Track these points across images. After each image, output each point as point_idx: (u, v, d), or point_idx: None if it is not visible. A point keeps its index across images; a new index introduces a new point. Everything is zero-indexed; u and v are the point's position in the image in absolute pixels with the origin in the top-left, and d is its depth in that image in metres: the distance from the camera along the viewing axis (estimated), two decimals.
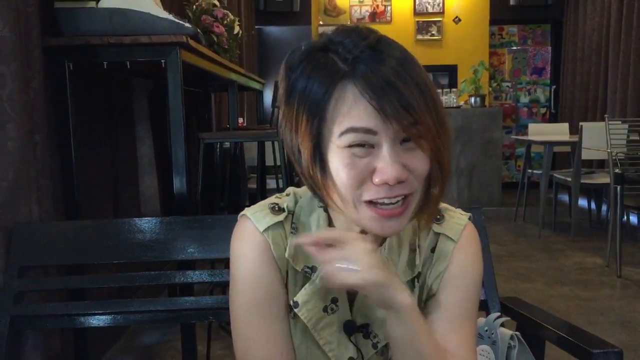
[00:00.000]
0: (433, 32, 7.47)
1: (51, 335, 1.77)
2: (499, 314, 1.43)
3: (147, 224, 1.62)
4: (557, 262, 4.16)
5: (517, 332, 1.36)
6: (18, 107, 1.62)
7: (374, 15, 7.48)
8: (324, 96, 0.79)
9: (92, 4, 1.85)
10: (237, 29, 3.63)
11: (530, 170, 5.46)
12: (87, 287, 1.89)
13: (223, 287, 2.67)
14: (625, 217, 4.88)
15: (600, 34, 6.25)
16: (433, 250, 0.95)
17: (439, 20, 7.45)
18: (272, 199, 0.95)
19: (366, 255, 0.78)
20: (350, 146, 0.79)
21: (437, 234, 0.95)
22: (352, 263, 0.77)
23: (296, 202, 0.95)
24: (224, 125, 4.51)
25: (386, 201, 0.80)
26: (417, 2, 7.45)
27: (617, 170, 3.65)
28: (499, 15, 7.49)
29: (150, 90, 3.06)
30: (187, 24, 1.95)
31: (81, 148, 2.07)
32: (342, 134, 0.79)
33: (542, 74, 7.86)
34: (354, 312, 0.92)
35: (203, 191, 3.10)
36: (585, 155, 4.41)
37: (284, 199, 0.95)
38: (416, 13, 7.47)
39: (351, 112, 0.78)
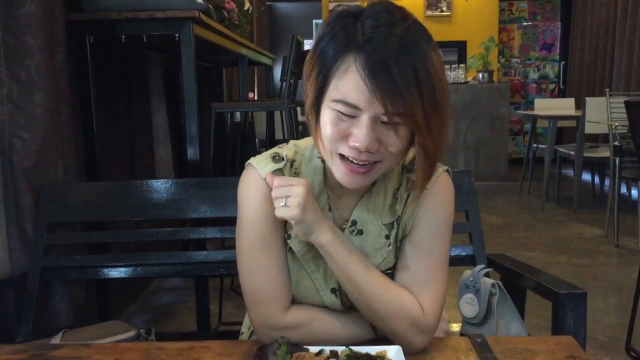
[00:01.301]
0: (443, 8, 7.52)
1: (76, 289, 1.94)
2: (484, 265, 1.57)
3: (163, 184, 1.77)
4: (557, 233, 4.28)
5: (498, 282, 1.49)
6: (45, 77, 1.76)
7: None
8: (333, 61, 0.90)
9: None
10: (247, 5, 3.74)
11: (535, 145, 5.56)
12: (109, 243, 2.04)
13: (233, 243, 2.81)
14: (627, 191, 4.98)
15: (608, 10, 6.28)
16: (409, 196, 1.07)
17: None
18: (274, 149, 1.09)
19: (297, 197, 0.94)
20: (337, 110, 0.91)
21: (414, 182, 1.05)
22: (286, 201, 0.94)
23: (296, 152, 1.07)
24: (235, 99, 4.64)
25: (354, 161, 0.93)
26: None
27: (615, 143, 3.75)
28: None
29: (164, 65, 3.20)
30: (199, 0, 2.08)
31: (101, 118, 2.21)
32: (334, 100, 0.91)
33: (551, 49, 7.89)
34: None
35: (214, 164, 3.24)
36: (588, 129, 4.50)
37: (284, 149, 1.08)
38: None
39: (347, 83, 0.88)
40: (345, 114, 0.91)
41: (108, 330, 1.60)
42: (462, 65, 6.75)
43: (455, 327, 1.61)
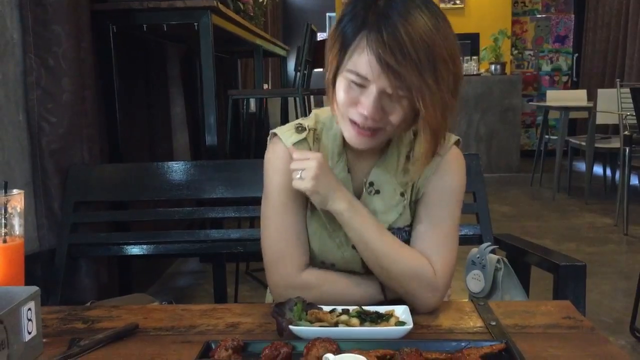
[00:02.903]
0: (456, 0, 7.54)
1: (100, 266, 2.03)
2: (490, 243, 1.63)
3: (182, 166, 1.85)
4: (567, 222, 4.33)
5: (503, 258, 1.56)
6: (71, 64, 1.85)
7: None
8: (351, 38, 1.02)
9: None
10: None
11: (547, 137, 5.59)
12: (131, 221, 2.13)
13: (248, 223, 2.88)
14: (638, 182, 5.00)
15: (620, 2, 6.28)
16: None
17: None
18: (297, 121, 1.20)
19: (312, 170, 1.04)
20: (350, 80, 1.03)
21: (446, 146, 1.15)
22: (302, 173, 1.04)
23: (317, 122, 1.19)
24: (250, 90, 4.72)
25: (360, 125, 1.05)
26: None
27: (626, 132, 3.79)
28: None
29: (181, 55, 3.29)
30: None
31: (123, 104, 2.30)
32: (348, 70, 1.03)
33: (564, 42, 7.89)
34: None
35: (230, 149, 3.33)
36: (600, 119, 4.53)
37: (307, 120, 1.20)
38: None
39: (360, 57, 1.00)
40: (356, 83, 1.02)
41: (133, 301, 1.70)
42: (474, 57, 6.78)
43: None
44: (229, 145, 2.98)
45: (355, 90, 1.03)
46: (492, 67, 6.50)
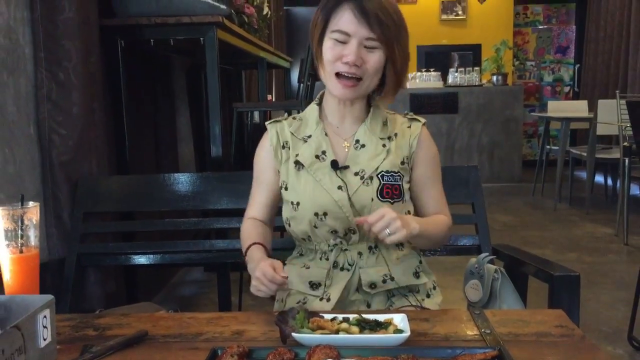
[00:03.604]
0: (458, 12, 7.61)
1: (108, 275, 2.07)
2: (488, 253, 1.67)
3: (188, 178, 1.90)
4: (568, 232, 4.36)
5: (501, 268, 1.60)
6: (81, 78, 1.91)
7: None
8: (332, 9, 1.30)
9: None
10: (266, 10, 3.89)
11: (549, 147, 5.63)
12: (139, 231, 2.18)
13: None
14: (639, 192, 5.03)
15: (622, 13, 6.33)
16: (409, 127, 1.44)
17: (464, 0, 7.58)
18: None
19: (395, 221, 1.19)
20: (334, 39, 1.30)
21: (410, 119, 1.46)
22: (390, 230, 1.19)
23: (303, 111, 1.48)
24: (254, 101, 4.78)
25: (346, 75, 1.30)
26: None
27: (625, 143, 3.83)
28: None
29: (187, 67, 3.35)
30: (222, 6, 2.22)
31: (130, 116, 2.36)
32: (332, 31, 1.30)
33: (566, 52, 7.95)
34: (341, 162, 1.37)
35: (235, 160, 3.38)
36: (600, 130, 4.58)
37: (290, 115, 1.52)
38: None
39: (342, 18, 1.28)
40: (339, 41, 1.29)
41: (140, 309, 1.74)
42: (476, 68, 6.84)
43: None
44: (233, 155, 3.03)
45: (339, 46, 1.29)
46: (494, 77, 6.55)
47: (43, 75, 1.86)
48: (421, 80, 6.72)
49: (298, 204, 1.37)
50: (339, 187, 1.35)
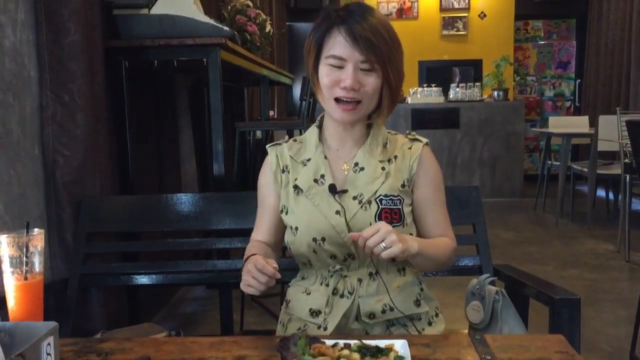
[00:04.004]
0: (459, 27, 7.66)
1: (110, 295, 2.08)
2: (489, 274, 1.68)
3: (190, 198, 1.91)
4: (570, 248, 4.36)
5: (502, 289, 1.60)
6: (85, 99, 1.93)
7: (401, 12, 7.70)
8: (323, 34, 1.31)
9: (145, 11, 2.15)
10: (268, 28, 3.92)
11: (550, 162, 5.65)
12: (142, 251, 2.19)
13: None
14: None
15: (623, 29, 6.37)
16: (410, 148, 1.43)
17: (465, 16, 7.64)
18: None
19: (391, 235, 1.18)
20: (330, 64, 1.30)
21: (412, 140, 1.45)
22: (385, 243, 1.17)
23: (304, 134, 1.48)
24: (256, 117, 4.81)
25: (344, 99, 1.31)
26: None
27: (626, 160, 3.84)
28: (524, 10, 7.64)
29: (190, 85, 3.38)
30: (225, 27, 2.24)
31: (133, 135, 2.37)
32: (326, 57, 1.31)
33: (567, 67, 7.98)
34: (340, 186, 1.36)
35: (237, 177, 3.40)
36: (601, 146, 4.59)
37: (291, 138, 1.51)
38: (442, 9, 7.66)
39: (335, 44, 1.29)
40: (335, 66, 1.30)
41: (143, 331, 1.75)
42: (477, 83, 6.87)
43: (463, 332, 1.72)
44: (236, 174, 3.05)
45: (335, 71, 1.30)
46: (495, 93, 6.58)
47: (48, 97, 1.88)
48: (422, 95, 6.75)
49: (297, 228, 1.37)
50: (337, 212, 1.34)
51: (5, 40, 1.72)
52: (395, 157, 1.41)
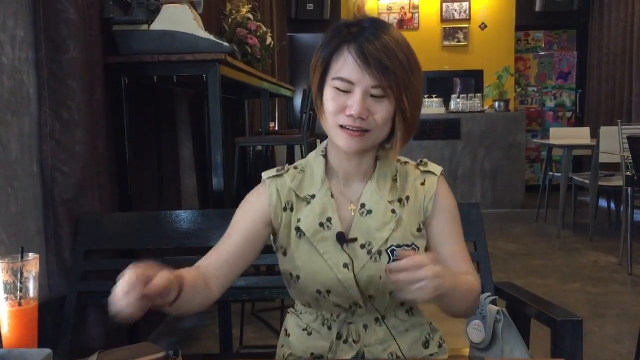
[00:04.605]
0: (459, 38, 7.67)
1: (108, 314, 2.06)
2: (490, 293, 1.66)
3: (190, 215, 1.90)
4: (572, 260, 4.34)
5: (503, 309, 1.58)
6: (85, 116, 1.92)
7: (402, 22, 7.72)
8: (332, 52, 1.16)
9: (145, 27, 2.15)
10: (269, 40, 3.92)
11: (551, 173, 5.63)
12: None
13: (254, 270, 2.91)
14: None
15: (624, 39, 6.37)
16: (423, 183, 1.26)
17: (465, 27, 7.65)
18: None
19: (435, 280, 0.98)
20: (336, 87, 1.15)
21: (424, 172, 1.28)
22: (421, 284, 0.97)
23: (305, 159, 1.31)
24: (256, 129, 4.80)
25: (350, 127, 1.15)
26: (443, 9, 7.67)
27: (627, 173, 3.83)
28: (524, 21, 7.66)
29: (190, 98, 3.37)
30: (225, 43, 2.24)
31: (133, 151, 2.37)
32: (333, 78, 1.15)
33: (567, 78, 7.99)
34: (350, 233, 1.21)
35: (238, 190, 3.39)
36: (603, 158, 4.58)
37: (292, 165, 1.31)
38: (443, 20, 7.68)
39: (343, 64, 1.14)
40: (342, 90, 1.14)
41: (140, 351, 1.72)
42: (478, 94, 6.87)
43: (464, 351, 1.70)
44: (235, 188, 3.04)
45: (342, 96, 1.15)
46: (496, 103, 6.58)
47: (47, 114, 1.87)
48: (423, 106, 6.73)
49: (298, 277, 1.23)
50: (345, 265, 1.19)
51: (4, 57, 1.71)
52: (407, 197, 1.25)
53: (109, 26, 2.17)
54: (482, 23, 7.67)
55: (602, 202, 5.87)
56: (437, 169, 1.29)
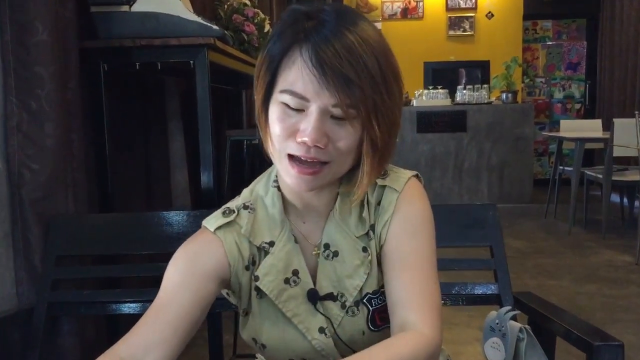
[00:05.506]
0: (465, 28, 7.45)
1: (85, 322, 1.88)
2: (510, 307, 1.48)
3: (175, 217, 1.71)
4: (586, 260, 4.14)
5: (526, 326, 1.40)
6: (56, 107, 1.72)
7: (406, 11, 7.50)
8: (281, 54, 0.87)
9: (126, 8, 1.95)
10: (267, 28, 3.72)
11: (562, 167, 5.43)
12: (119, 277, 1.99)
13: None
14: None
15: (637, 29, 6.16)
16: (379, 203, 0.99)
17: (472, 16, 7.43)
18: (227, 204, 1.03)
19: None
20: (284, 103, 0.87)
21: (383, 187, 0.99)
22: None
23: (251, 192, 1.03)
24: (254, 122, 4.61)
25: (302, 159, 0.87)
26: None
27: None
28: (532, 10, 7.44)
29: (182, 89, 3.17)
30: (214, 26, 2.03)
31: (115, 145, 2.17)
32: (281, 91, 0.87)
33: (577, 69, 7.77)
34: (317, 283, 0.98)
35: (231, 186, 3.20)
36: (617, 152, 4.37)
37: (234, 201, 1.03)
38: (448, 9, 7.46)
39: (294, 73, 0.85)
40: (293, 108, 0.87)
41: None
42: (485, 85, 6.65)
43: None
44: (227, 184, 2.84)
45: (292, 116, 0.87)
46: (504, 95, 6.37)
47: (13, 104, 1.67)
48: (428, 97, 6.54)
49: (263, 346, 0.99)
50: (321, 330, 0.96)
51: None
52: (376, 216, 0.98)
53: (87, 7, 1.96)
54: (489, 12, 7.45)
55: (614, 197, 5.66)
56: (400, 180, 0.99)
